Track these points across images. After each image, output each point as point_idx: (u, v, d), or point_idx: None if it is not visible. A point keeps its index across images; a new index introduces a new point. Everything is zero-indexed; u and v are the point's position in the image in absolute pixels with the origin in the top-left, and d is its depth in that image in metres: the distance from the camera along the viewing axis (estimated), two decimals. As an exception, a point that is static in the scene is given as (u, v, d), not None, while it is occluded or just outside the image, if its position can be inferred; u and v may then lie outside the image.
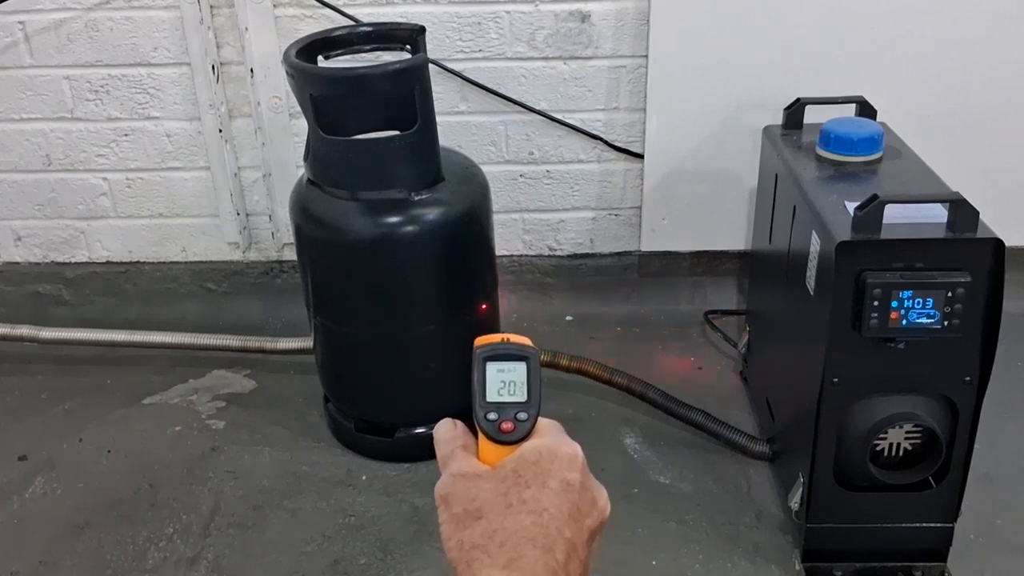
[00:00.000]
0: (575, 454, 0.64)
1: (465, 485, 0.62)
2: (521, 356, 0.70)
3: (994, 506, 1.47)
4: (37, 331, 1.87)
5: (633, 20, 1.80)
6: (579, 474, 0.62)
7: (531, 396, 0.68)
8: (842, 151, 1.40)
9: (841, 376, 1.24)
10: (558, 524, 0.59)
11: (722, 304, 2.03)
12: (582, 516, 0.61)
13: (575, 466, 0.63)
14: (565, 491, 0.61)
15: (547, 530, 0.58)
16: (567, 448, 0.64)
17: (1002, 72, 1.77)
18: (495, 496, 0.60)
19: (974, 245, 1.15)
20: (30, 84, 1.90)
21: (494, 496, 0.60)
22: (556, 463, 0.63)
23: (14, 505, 1.56)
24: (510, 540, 0.58)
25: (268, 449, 1.67)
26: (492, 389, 0.70)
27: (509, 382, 0.70)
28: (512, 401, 0.68)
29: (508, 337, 0.71)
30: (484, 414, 0.68)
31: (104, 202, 2.03)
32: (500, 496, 0.60)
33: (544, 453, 0.64)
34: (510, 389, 0.69)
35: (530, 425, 0.67)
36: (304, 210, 1.51)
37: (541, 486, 0.61)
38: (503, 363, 0.71)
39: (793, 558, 1.40)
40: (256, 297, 2.09)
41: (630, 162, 1.94)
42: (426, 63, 1.45)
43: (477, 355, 0.71)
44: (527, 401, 0.68)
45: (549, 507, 0.59)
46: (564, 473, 0.62)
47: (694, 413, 1.63)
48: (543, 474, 0.62)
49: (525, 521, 0.59)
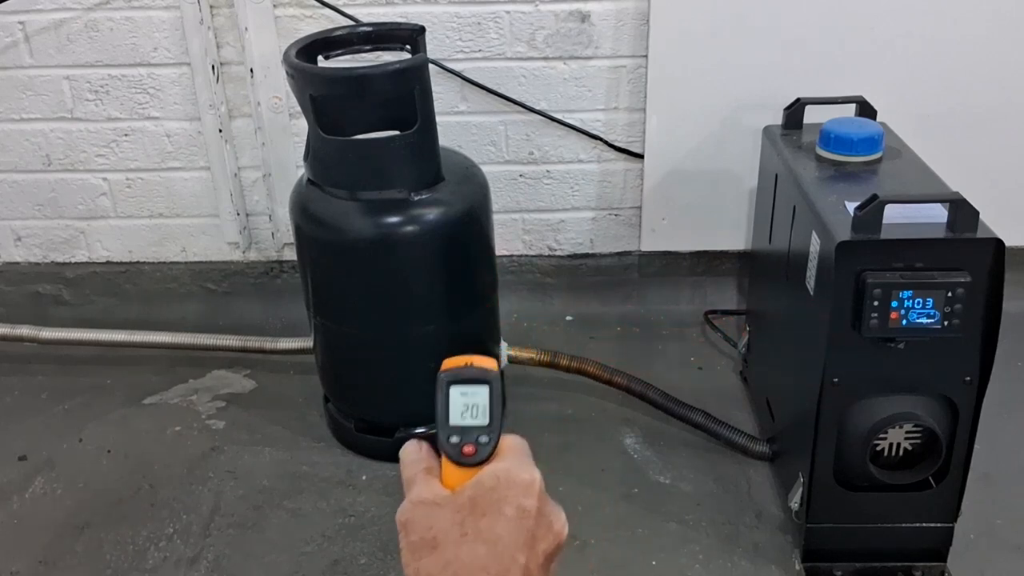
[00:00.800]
0: (532, 480, 0.64)
1: (424, 513, 0.63)
2: (483, 380, 0.70)
3: (994, 506, 1.47)
4: (37, 331, 1.87)
5: (633, 20, 1.80)
6: (535, 500, 0.63)
7: (492, 420, 0.69)
8: (842, 151, 1.40)
9: (841, 376, 1.24)
10: (512, 552, 0.61)
11: (722, 304, 2.03)
12: (537, 542, 0.62)
13: (531, 492, 0.64)
14: (520, 518, 0.62)
15: (501, 559, 0.60)
16: (525, 474, 0.65)
17: (1002, 72, 1.77)
18: (451, 525, 0.62)
19: (974, 245, 1.15)
20: (30, 84, 1.90)
21: (450, 525, 0.62)
22: (513, 490, 0.64)
23: (14, 505, 1.56)
24: (464, 570, 0.60)
25: (268, 449, 1.67)
26: (455, 412, 0.70)
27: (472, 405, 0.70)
28: (474, 425, 0.69)
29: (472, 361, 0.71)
30: (447, 437, 0.68)
31: (104, 202, 2.03)
32: (456, 526, 0.62)
33: (502, 479, 0.64)
34: (472, 412, 0.69)
35: (491, 448, 0.68)
36: (304, 210, 1.51)
37: (497, 514, 0.62)
38: (466, 387, 0.70)
39: (793, 558, 1.40)
40: (256, 297, 2.09)
41: (630, 162, 1.94)
42: (426, 63, 1.45)
43: (441, 379, 0.70)
44: (488, 425, 0.69)
45: (504, 535, 0.61)
46: (520, 500, 0.63)
47: (694, 413, 1.63)
48: (499, 501, 0.63)
49: (479, 551, 0.61)
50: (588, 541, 1.45)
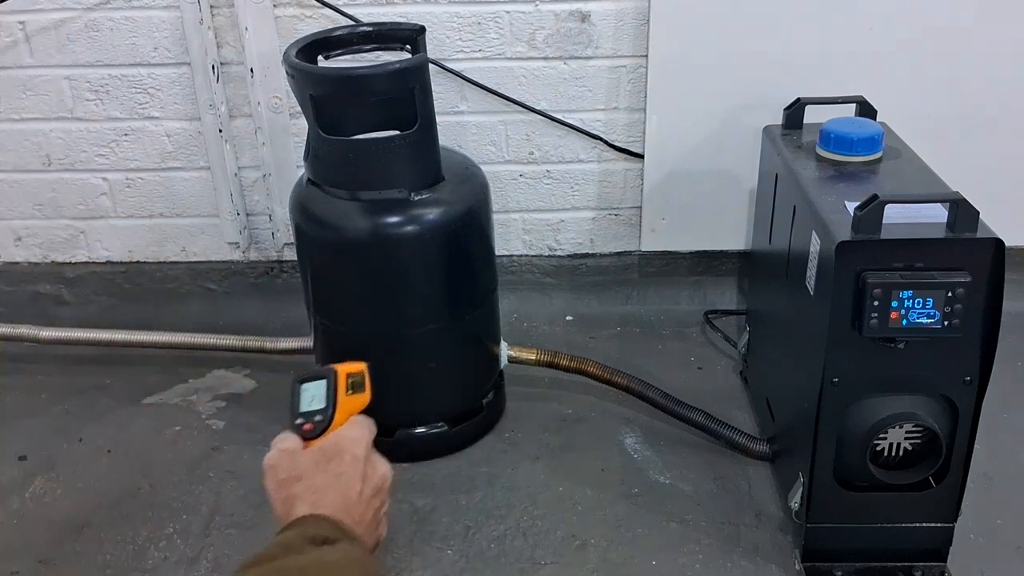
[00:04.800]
0: (361, 436, 0.92)
1: (288, 457, 0.90)
2: (322, 376, 0.96)
3: (994, 506, 1.47)
4: (37, 331, 1.87)
5: (633, 20, 1.80)
6: (363, 450, 0.91)
7: (328, 404, 0.94)
8: (842, 151, 1.40)
9: (841, 376, 1.24)
10: (351, 482, 0.89)
11: (722, 304, 2.03)
12: (367, 478, 0.90)
13: (361, 445, 0.92)
14: (355, 462, 0.90)
15: (343, 485, 0.88)
16: (356, 433, 0.92)
17: (1002, 72, 1.77)
18: (311, 464, 0.89)
19: (974, 245, 1.15)
20: (30, 84, 1.90)
21: (311, 464, 0.89)
22: (348, 443, 0.91)
23: (14, 505, 1.56)
24: (318, 490, 0.87)
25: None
26: (304, 403, 0.94)
27: (315, 395, 0.95)
28: (314, 409, 0.94)
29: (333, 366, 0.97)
30: (294, 421, 0.93)
31: (104, 202, 2.03)
32: (313, 464, 0.89)
33: (341, 437, 0.92)
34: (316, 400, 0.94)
35: (325, 424, 0.93)
36: (304, 210, 1.51)
37: (338, 459, 0.90)
38: (310, 382, 0.96)
39: (793, 558, 1.40)
40: (256, 297, 2.09)
41: (630, 162, 1.94)
42: (426, 63, 1.45)
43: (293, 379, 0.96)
44: (324, 407, 0.94)
45: (345, 471, 0.89)
46: (353, 450, 0.91)
47: (694, 413, 1.63)
48: (340, 451, 0.90)
49: (328, 479, 0.88)
50: (588, 541, 1.45)
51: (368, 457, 0.92)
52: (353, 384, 0.96)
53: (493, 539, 1.46)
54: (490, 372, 1.69)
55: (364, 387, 0.97)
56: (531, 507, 1.52)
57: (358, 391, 0.96)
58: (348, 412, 0.94)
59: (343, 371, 0.96)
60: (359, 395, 0.96)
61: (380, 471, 0.93)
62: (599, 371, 1.70)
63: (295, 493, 0.87)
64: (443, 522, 1.50)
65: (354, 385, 0.96)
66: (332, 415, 0.93)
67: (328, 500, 0.86)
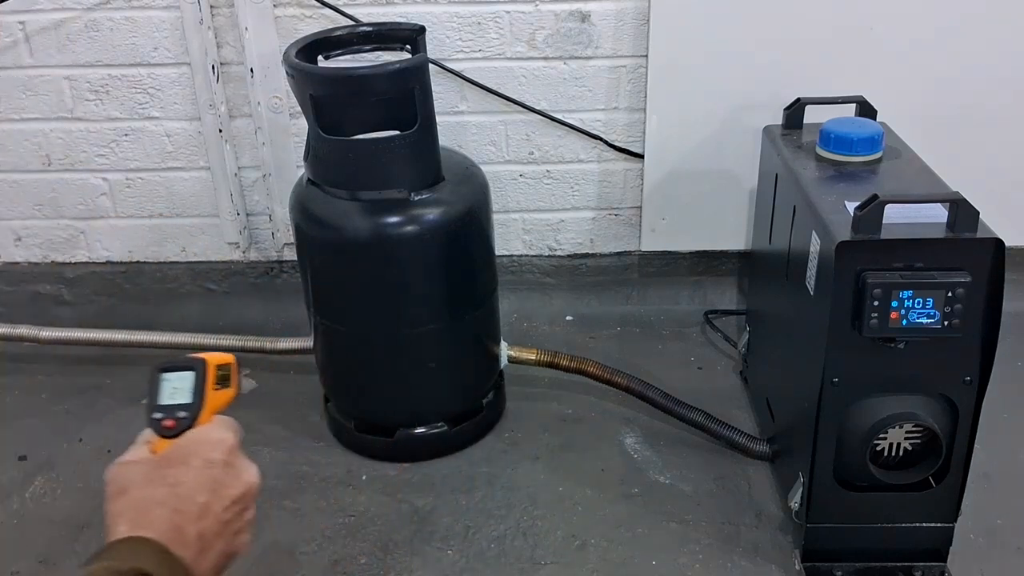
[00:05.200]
0: (222, 439, 0.81)
1: (121, 469, 0.78)
2: (190, 367, 0.85)
3: (994, 506, 1.47)
4: (37, 331, 1.87)
5: (633, 20, 1.80)
6: (223, 455, 0.79)
7: (194, 399, 0.83)
8: (842, 151, 1.40)
9: (841, 376, 1.24)
10: (192, 493, 0.76)
11: (722, 304, 2.03)
12: (222, 487, 0.78)
13: (220, 448, 0.80)
14: (206, 468, 0.78)
15: (180, 498, 0.75)
16: (215, 435, 0.81)
17: (1002, 72, 1.77)
18: (140, 476, 0.77)
19: (974, 245, 1.15)
20: (30, 84, 1.90)
21: (140, 476, 0.77)
22: (202, 446, 0.79)
23: (14, 505, 1.56)
24: (143, 505, 0.74)
25: (268, 449, 1.67)
26: (164, 395, 0.84)
27: (179, 388, 0.84)
28: (177, 403, 0.83)
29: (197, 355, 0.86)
30: (152, 415, 0.82)
31: (104, 202, 2.03)
32: (144, 476, 0.77)
33: (193, 439, 0.80)
34: (180, 394, 0.83)
35: (190, 421, 0.82)
36: (304, 210, 1.51)
37: (183, 465, 0.77)
38: (174, 373, 0.85)
39: (793, 558, 1.40)
40: (256, 297, 2.09)
41: (630, 162, 1.94)
42: (426, 63, 1.45)
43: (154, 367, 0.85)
44: (190, 402, 0.83)
45: (186, 480, 0.76)
46: (208, 454, 0.79)
47: (694, 413, 1.63)
48: (188, 455, 0.78)
49: (160, 491, 0.75)
50: (588, 541, 1.45)
51: (229, 463, 0.80)
52: (221, 378, 0.86)
53: (493, 539, 1.46)
54: (490, 372, 1.69)
55: (231, 381, 0.88)
56: (531, 507, 1.52)
57: (225, 385, 0.87)
58: (214, 409, 0.85)
59: (212, 362, 0.86)
60: (225, 390, 0.87)
61: (243, 478, 0.81)
62: (599, 371, 1.70)
63: (117, 510, 0.75)
64: (443, 522, 1.50)
65: (222, 379, 0.87)
66: (198, 412, 0.83)
67: (155, 517, 0.74)
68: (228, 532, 0.78)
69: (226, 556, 0.78)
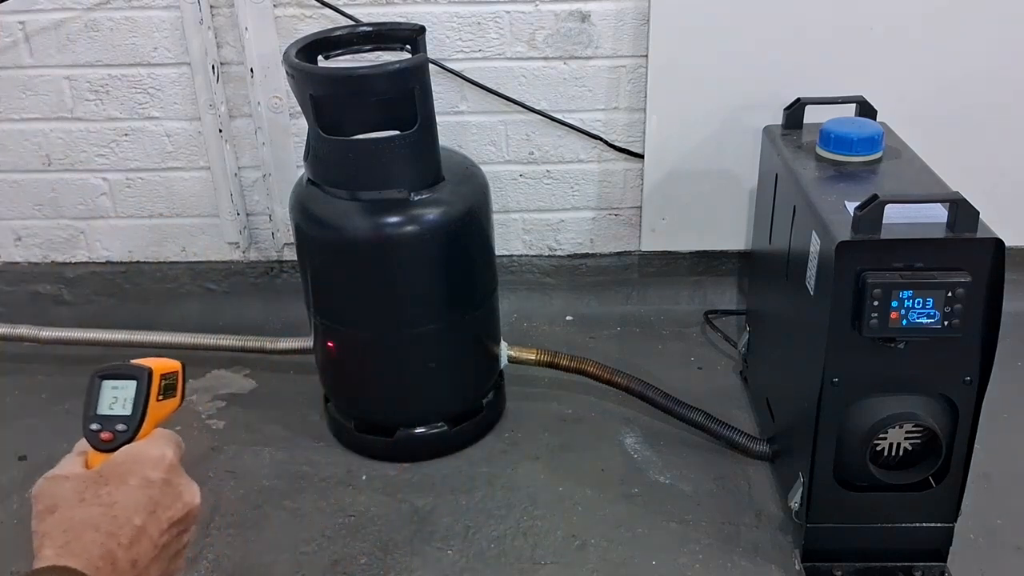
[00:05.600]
0: (161, 456, 0.75)
1: (50, 485, 0.72)
2: (133, 376, 0.79)
3: (994, 506, 1.47)
4: (37, 331, 1.87)
5: (633, 20, 1.80)
6: (162, 473, 0.74)
7: (135, 411, 0.77)
8: (842, 151, 1.40)
9: (841, 376, 1.24)
10: (128, 514, 0.70)
11: (722, 304, 2.03)
12: (161, 508, 0.72)
13: (159, 466, 0.74)
14: (143, 487, 0.72)
15: (115, 519, 0.69)
16: (155, 452, 0.75)
17: (1002, 72, 1.77)
18: (72, 493, 0.71)
19: (974, 245, 1.15)
20: (30, 84, 1.90)
21: (71, 493, 0.71)
22: (140, 464, 0.74)
23: (14, 505, 1.56)
24: (74, 527, 0.68)
25: (268, 449, 1.67)
26: (104, 403, 0.78)
27: (120, 398, 0.78)
28: (117, 415, 0.77)
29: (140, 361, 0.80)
30: (89, 425, 0.77)
31: (104, 202, 2.03)
32: (76, 493, 0.71)
33: (131, 455, 0.75)
34: (121, 404, 0.78)
35: (129, 435, 0.76)
36: (304, 210, 1.51)
37: (119, 483, 0.72)
38: (117, 381, 0.79)
39: (793, 558, 1.40)
40: (256, 297, 2.09)
41: (630, 162, 1.94)
42: (426, 63, 1.45)
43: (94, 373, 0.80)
44: (130, 415, 0.77)
45: (121, 500, 0.70)
46: (146, 472, 0.73)
47: (694, 413, 1.63)
48: (125, 473, 0.72)
49: (93, 512, 0.69)
50: (588, 541, 1.45)
51: (168, 481, 0.74)
52: (166, 387, 0.81)
53: (493, 539, 1.46)
54: (490, 372, 1.69)
55: (176, 391, 0.82)
56: (531, 507, 1.52)
57: (169, 395, 0.81)
58: (156, 421, 0.80)
59: (158, 371, 0.80)
60: (170, 400, 0.81)
61: (184, 499, 0.75)
62: (599, 371, 1.70)
63: (45, 530, 0.70)
64: (443, 522, 1.50)
65: (167, 388, 0.81)
66: (138, 425, 0.77)
67: (86, 541, 0.68)
68: (164, 556, 0.72)
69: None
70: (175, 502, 0.74)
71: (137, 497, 0.72)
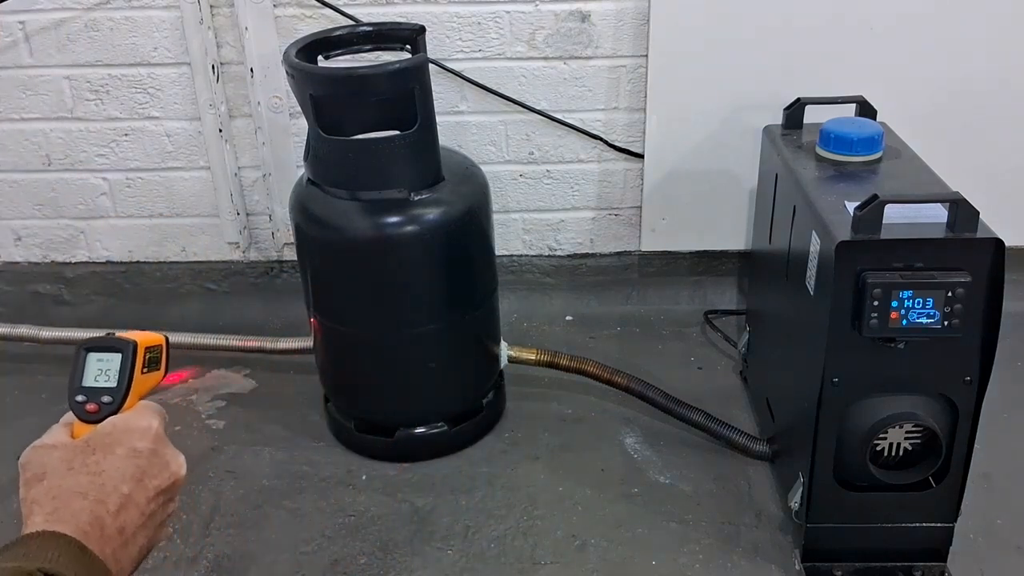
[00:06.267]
0: (148, 426, 0.77)
1: (38, 454, 0.74)
2: (118, 348, 0.81)
3: (994, 506, 1.47)
4: (37, 331, 1.87)
5: (633, 20, 1.80)
6: (149, 443, 0.76)
7: (120, 383, 0.79)
8: (842, 151, 1.40)
9: (841, 376, 1.24)
10: (116, 482, 0.72)
11: (722, 304, 2.03)
12: (148, 477, 0.74)
13: (146, 436, 0.76)
14: (130, 457, 0.74)
15: (103, 487, 0.71)
16: (142, 423, 0.78)
17: (1002, 72, 1.77)
18: (60, 462, 0.73)
19: (974, 245, 1.15)
20: (30, 84, 1.90)
21: (59, 462, 0.73)
22: (128, 434, 0.76)
23: (14, 505, 1.56)
24: (62, 495, 0.70)
25: (268, 449, 1.67)
26: (89, 375, 0.80)
27: (105, 370, 0.80)
28: (102, 386, 0.79)
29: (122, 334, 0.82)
30: (75, 396, 0.79)
31: (104, 202, 2.03)
32: (64, 462, 0.73)
33: (118, 426, 0.77)
34: (106, 376, 0.80)
35: (114, 407, 0.79)
36: (304, 210, 1.51)
37: (107, 453, 0.74)
38: (102, 353, 0.81)
39: (793, 558, 1.40)
40: (256, 297, 2.09)
41: (630, 162, 1.94)
42: (426, 63, 1.45)
43: (80, 345, 0.81)
44: (115, 387, 0.79)
45: (108, 469, 0.73)
46: (134, 442, 0.75)
47: (694, 413, 1.63)
48: (112, 443, 0.74)
49: (82, 480, 0.71)
50: (588, 541, 1.45)
51: (155, 451, 0.77)
52: (150, 360, 0.83)
53: (493, 539, 1.46)
54: (490, 372, 1.69)
55: (160, 364, 0.84)
56: (531, 507, 1.52)
57: (153, 368, 0.83)
58: (140, 393, 0.82)
59: (143, 344, 0.82)
60: (154, 373, 0.83)
61: (170, 468, 0.78)
62: (599, 371, 1.70)
63: (34, 497, 0.71)
64: (443, 522, 1.50)
65: (151, 361, 0.83)
66: (124, 397, 0.80)
67: (75, 508, 0.69)
68: (151, 524, 0.74)
69: (147, 549, 0.75)
70: (162, 471, 0.76)
71: (124, 466, 0.74)
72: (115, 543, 0.70)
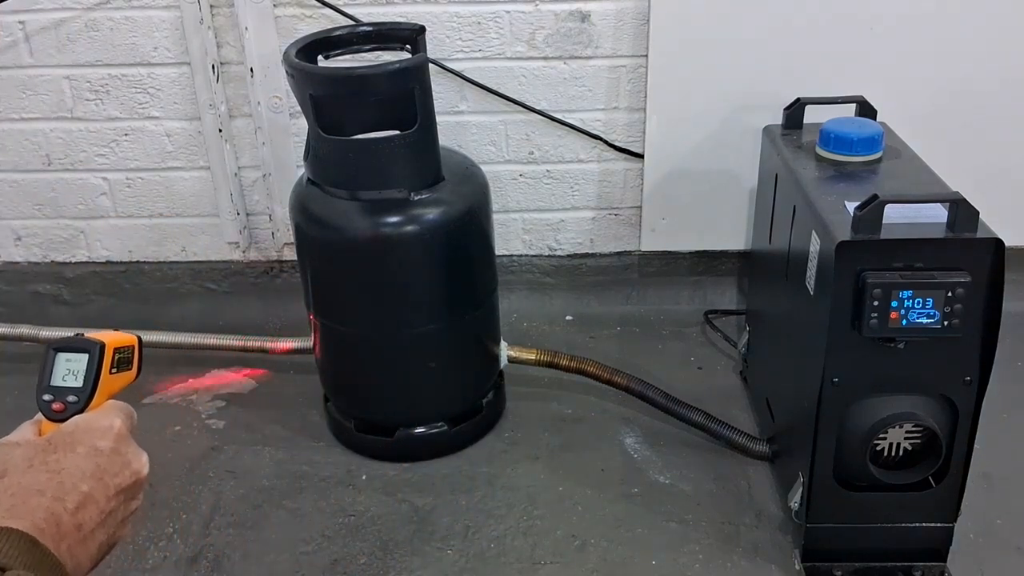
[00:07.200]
0: (110, 425, 0.78)
1: (2, 451, 0.75)
2: (85, 349, 0.82)
3: (994, 506, 1.47)
4: (37, 331, 1.87)
5: (633, 20, 1.80)
6: (110, 442, 0.77)
7: (86, 383, 0.81)
8: (842, 151, 1.40)
9: (841, 376, 1.24)
10: (75, 480, 0.73)
11: (722, 304, 2.03)
12: (107, 475, 0.75)
13: (108, 435, 0.77)
14: (91, 455, 0.75)
15: (62, 485, 0.72)
16: (104, 422, 0.78)
17: (1003, 72, 1.77)
18: (21, 460, 0.74)
19: (974, 245, 1.15)
20: (30, 84, 1.90)
21: (21, 460, 0.74)
22: (89, 434, 0.77)
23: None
24: (20, 491, 0.70)
25: (268, 449, 1.67)
26: (58, 375, 0.82)
27: (73, 370, 0.81)
28: (69, 386, 0.81)
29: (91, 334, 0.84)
30: (42, 395, 0.81)
31: (104, 202, 2.03)
32: (25, 460, 0.74)
33: (80, 425, 0.78)
34: (73, 376, 0.81)
35: (79, 407, 0.80)
36: (304, 210, 1.51)
37: (67, 451, 0.75)
38: (71, 354, 0.82)
39: (793, 558, 1.40)
40: (256, 297, 2.09)
41: (630, 162, 1.94)
42: (426, 63, 1.45)
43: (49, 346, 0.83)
44: (81, 387, 0.80)
45: (68, 467, 0.73)
46: (95, 441, 0.76)
47: (694, 413, 1.63)
48: (74, 442, 0.76)
49: (40, 477, 0.72)
50: (588, 541, 1.45)
51: (116, 450, 0.77)
52: (120, 361, 0.83)
53: (493, 539, 1.46)
54: (490, 372, 1.69)
55: (131, 364, 0.85)
56: (531, 507, 1.52)
57: (124, 368, 0.84)
58: (109, 393, 0.82)
59: (111, 345, 0.83)
60: (124, 373, 0.84)
61: (132, 467, 0.78)
62: (599, 371, 1.70)
63: None
64: (443, 522, 1.50)
65: (120, 362, 0.84)
66: (90, 397, 0.81)
67: (32, 505, 0.70)
68: (111, 522, 0.75)
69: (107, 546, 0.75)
70: (123, 470, 0.77)
71: (84, 465, 0.74)
72: (72, 539, 0.70)
